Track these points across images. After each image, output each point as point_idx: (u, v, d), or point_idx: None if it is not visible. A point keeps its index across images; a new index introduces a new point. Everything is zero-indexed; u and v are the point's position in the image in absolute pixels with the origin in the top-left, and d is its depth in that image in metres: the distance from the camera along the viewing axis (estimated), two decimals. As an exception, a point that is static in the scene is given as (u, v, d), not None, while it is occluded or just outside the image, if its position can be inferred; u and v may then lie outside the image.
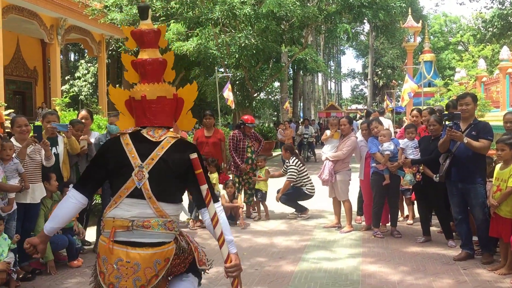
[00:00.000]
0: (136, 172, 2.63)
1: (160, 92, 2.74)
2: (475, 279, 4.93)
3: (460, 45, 42.03)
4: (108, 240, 2.60)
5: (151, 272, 2.60)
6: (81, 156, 6.18)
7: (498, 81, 15.41)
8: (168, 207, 2.68)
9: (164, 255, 2.65)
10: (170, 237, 2.69)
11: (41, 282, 5.10)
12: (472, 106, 5.59)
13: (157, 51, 2.84)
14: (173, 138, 2.73)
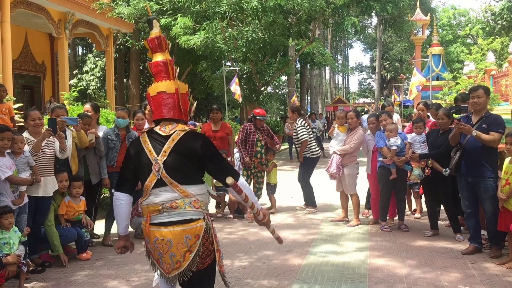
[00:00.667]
0: (153, 165, 3.00)
1: (162, 88, 3.13)
2: (483, 273, 4.93)
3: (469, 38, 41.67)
4: (145, 223, 3.02)
5: (183, 247, 2.93)
6: (89, 150, 6.22)
7: (507, 74, 15.29)
8: (191, 188, 3.01)
9: (194, 231, 2.96)
10: (197, 214, 3.00)
11: (51, 274, 5.16)
12: (484, 98, 5.52)
13: (166, 54, 3.24)
14: (182, 131, 3.05)
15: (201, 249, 2.97)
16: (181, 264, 2.95)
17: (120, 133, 6.36)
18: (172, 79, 3.20)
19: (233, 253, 5.85)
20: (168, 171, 2.98)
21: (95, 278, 5.03)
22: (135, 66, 26.28)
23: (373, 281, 4.78)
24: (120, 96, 26.87)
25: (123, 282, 4.87)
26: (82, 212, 5.84)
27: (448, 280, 4.73)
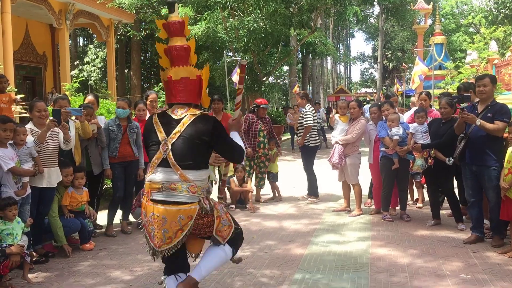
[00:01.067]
0: (162, 144, 3.23)
1: (184, 73, 3.29)
2: (485, 262, 4.94)
3: (471, 27, 41.44)
4: (145, 198, 3.28)
5: (176, 225, 3.22)
6: (90, 140, 6.23)
7: (510, 63, 15.23)
8: (190, 173, 3.23)
9: (187, 212, 3.22)
10: (193, 198, 3.25)
11: (54, 264, 5.18)
12: (490, 87, 5.47)
13: (184, 39, 3.37)
14: (193, 115, 3.26)
15: (191, 229, 3.27)
16: (172, 240, 3.25)
17: (121, 124, 6.36)
18: (192, 65, 3.37)
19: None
20: (174, 153, 3.21)
21: (98, 268, 5.06)
22: (136, 57, 26.23)
23: (375, 270, 4.80)
24: (121, 86, 26.83)
25: (126, 272, 4.89)
26: (85, 202, 5.85)
27: (450, 269, 4.75)
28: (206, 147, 3.29)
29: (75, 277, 4.78)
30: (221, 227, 3.46)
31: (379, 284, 4.41)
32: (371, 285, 4.39)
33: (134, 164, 6.45)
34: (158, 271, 4.88)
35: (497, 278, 4.46)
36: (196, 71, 3.34)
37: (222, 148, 3.41)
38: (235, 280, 4.59)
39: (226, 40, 18.24)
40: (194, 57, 3.45)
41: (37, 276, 4.82)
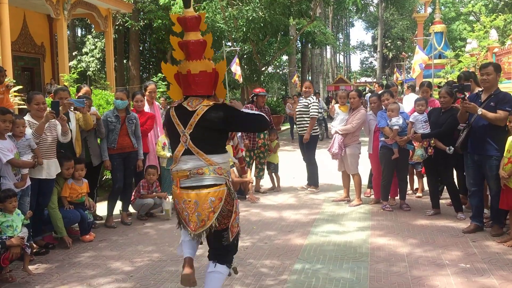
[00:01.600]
0: (181, 136, 3.44)
1: (202, 67, 3.43)
2: (484, 251, 4.95)
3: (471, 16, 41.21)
4: (176, 187, 3.46)
5: (208, 208, 3.40)
6: (90, 131, 6.22)
7: (510, 52, 15.18)
8: (214, 157, 3.43)
9: (217, 194, 3.42)
10: (221, 180, 3.44)
11: (55, 256, 5.20)
12: (493, 76, 5.42)
13: (199, 34, 3.48)
14: (206, 106, 3.41)
15: (223, 210, 3.44)
16: (205, 223, 3.42)
17: (119, 115, 6.34)
18: (208, 58, 3.54)
19: (235, 233, 5.88)
20: (194, 142, 3.40)
21: (99, 259, 5.07)
22: (135, 47, 26.09)
23: (374, 260, 4.81)
24: (120, 77, 26.74)
25: (126, 263, 4.90)
26: (85, 194, 5.86)
27: (449, 259, 4.76)
28: (221, 133, 3.50)
29: (75, 269, 4.79)
30: (234, 223, 3.58)
31: (379, 274, 4.42)
32: (371, 275, 4.41)
33: (133, 155, 6.45)
34: (158, 262, 4.90)
35: (496, 267, 4.48)
36: (212, 65, 3.50)
37: (243, 125, 3.66)
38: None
39: (225, 29, 18.16)
40: (211, 51, 3.59)
41: (37, 267, 4.83)
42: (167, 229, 6.21)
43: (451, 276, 4.31)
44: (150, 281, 4.40)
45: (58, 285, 4.37)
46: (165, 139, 7.23)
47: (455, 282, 4.18)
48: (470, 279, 4.23)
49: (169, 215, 6.76)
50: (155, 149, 7.27)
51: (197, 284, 3.61)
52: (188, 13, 3.47)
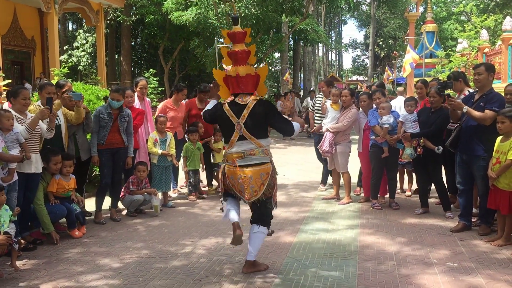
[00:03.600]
0: (236, 125, 4.33)
1: (247, 70, 4.39)
2: (472, 250, 4.99)
3: (463, 15, 41.44)
4: (233, 166, 4.32)
5: (259, 181, 4.31)
6: (78, 126, 6.19)
7: (500, 52, 15.28)
8: (262, 141, 4.37)
9: (266, 170, 4.34)
10: (267, 159, 4.39)
11: (43, 252, 5.16)
12: (484, 75, 5.44)
13: (244, 45, 4.48)
14: (254, 100, 4.36)
15: (270, 182, 4.34)
16: (258, 193, 4.31)
17: (112, 113, 6.30)
18: (251, 64, 4.50)
19: (225, 230, 5.88)
20: (247, 129, 4.30)
21: (87, 255, 5.04)
22: (127, 42, 25.96)
23: (363, 258, 4.83)
24: (111, 72, 26.60)
25: (115, 260, 4.88)
26: (72, 189, 5.82)
27: (437, 257, 4.79)
28: (265, 122, 4.43)
29: (63, 265, 4.76)
30: (275, 192, 4.50)
31: (367, 272, 4.44)
32: (359, 273, 4.42)
33: (122, 152, 6.41)
34: (147, 259, 4.89)
35: (483, 266, 4.51)
36: (253, 69, 4.45)
37: (275, 123, 4.49)
38: (224, 268, 4.60)
39: (217, 26, 18.09)
40: (253, 59, 4.54)
41: (25, 263, 4.80)
42: (156, 226, 6.20)
43: (439, 275, 4.34)
44: (139, 278, 4.38)
45: (45, 281, 4.34)
46: (156, 136, 7.20)
47: (443, 281, 4.21)
48: (458, 278, 4.27)
49: (158, 211, 6.74)
50: (146, 145, 7.24)
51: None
52: (236, 29, 4.48)
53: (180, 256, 4.97)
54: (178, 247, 5.26)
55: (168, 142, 7.29)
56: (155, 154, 7.14)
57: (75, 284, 4.28)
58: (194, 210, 7.05)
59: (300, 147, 15.56)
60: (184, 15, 17.23)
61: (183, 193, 8.08)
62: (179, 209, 7.11)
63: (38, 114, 5.11)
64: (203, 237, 5.63)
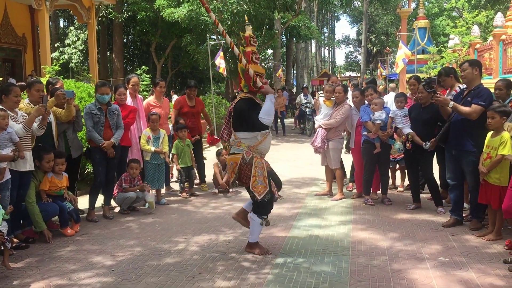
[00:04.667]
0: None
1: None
2: (463, 245, 5.03)
3: (454, 11, 41.58)
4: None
5: (230, 169, 4.89)
6: (69, 124, 6.16)
7: (491, 48, 15.34)
8: (240, 134, 4.78)
9: (234, 159, 4.80)
10: (238, 150, 4.79)
11: (35, 250, 5.14)
12: (468, 71, 5.50)
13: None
14: (240, 97, 4.90)
15: (240, 172, 4.76)
16: (231, 178, 4.98)
17: (102, 108, 6.29)
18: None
19: (218, 227, 5.89)
20: (232, 122, 4.82)
21: (80, 253, 5.03)
22: (119, 39, 25.83)
23: (355, 254, 4.86)
24: (103, 69, 26.45)
25: (108, 258, 4.88)
26: (64, 187, 5.80)
27: (429, 252, 4.82)
28: (242, 117, 4.75)
29: (55, 263, 4.75)
30: (256, 184, 4.70)
31: (359, 268, 4.47)
32: (352, 269, 4.45)
33: (115, 149, 6.39)
34: (140, 256, 4.89)
35: (474, 261, 4.55)
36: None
37: (249, 119, 4.72)
38: (217, 265, 4.61)
39: (209, 23, 18.03)
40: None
41: (17, 262, 4.77)
42: (149, 223, 6.19)
43: (430, 270, 4.37)
44: (132, 275, 4.38)
45: (38, 279, 4.33)
46: (149, 133, 7.19)
47: (434, 275, 4.24)
48: (449, 272, 4.30)
49: (153, 207, 6.75)
50: (139, 142, 7.22)
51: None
52: (247, 33, 4.96)
53: (173, 253, 4.98)
54: (171, 244, 5.26)
55: (161, 139, 7.28)
56: (148, 151, 7.13)
57: (68, 282, 4.27)
58: (187, 207, 7.05)
59: (292, 143, 15.58)
60: (176, 12, 17.16)
61: (176, 191, 8.08)
62: (172, 206, 7.11)
63: (34, 112, 5.10)
64: (196, 234, 5.63)
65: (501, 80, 5.99)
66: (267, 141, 4.83)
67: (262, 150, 4.83)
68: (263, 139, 4.76)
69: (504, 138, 5.01)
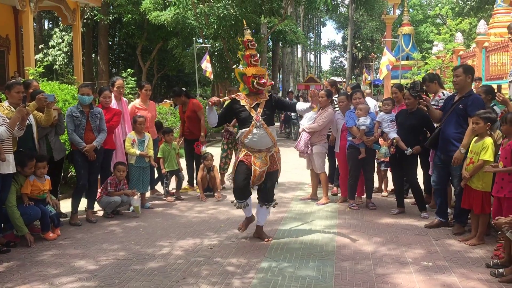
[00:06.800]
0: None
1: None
2: (446, 249, 5.07)
3: (438, 18, 42.14)
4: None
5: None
6: (51, 128, 6.09)
7: (474, 55, 15.58)
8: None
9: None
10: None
11: (16, 254, 5.06)
12: (462, 77, 5.56)
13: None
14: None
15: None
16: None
17: (84, 110, 6.24)
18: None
19: (202, 231, 5.86)
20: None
21: (62, 257, 4.97)
22: (104, 42, 25.67)
23: (340, 258, 4.87)
24: (88, 72, 26.24)
25: (91, 262, 4.82)
26: (47, 191, 5.72)
27: (412, 257, 4.86)
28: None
29: (37, 267, 4.68)
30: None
31: (344, 272, 4.48)
32: (336, 273, 4.45)
33: (98, 152, 6.33)
34: (123, 261, 4.84)
35: (457, 265, 4.59)
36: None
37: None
38: (201, 269, 4.58)
39: (195, 26, 18.04)
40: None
41: (-3, 266, 4.70)
42: (133, 227, 6.14)
43: (414, 274, 4.40)
44: (115, 280, 4.33)
45: (19, 284, 4.26)
46: (134, 136, 7.14)
47: (418, 279, 4.27)
48: (432, 276, 4.33)
49: (139, 212, 6.70)
50: (124, 146, 7.17)
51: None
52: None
53: (157, 257, 4.94)
54: (155, 249, 5.22)
55: (146, 143, 7.23)
56: (133, 155, 7.08)
57: (50, 286, 4.20)
58: (172, 211, 7.01)
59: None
60: (162, 15, 17.13)
61: (161, 194, 8.03)
62: (157, 210, 7.06)
63: (17, 113, 5.03)
64: (180, 238, 5.60)
65: (480, 87, 6.10)
66: (249, 138, 5.15)
67: (248, 145, 5.20)
68: (243, 136, 5.18)
69: (486, 144, 5.07)
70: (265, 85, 5.15)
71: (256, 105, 5.26)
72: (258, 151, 5.22)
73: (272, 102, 5.36)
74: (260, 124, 5.14)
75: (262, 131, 5.16)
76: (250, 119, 5.18)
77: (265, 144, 5.23)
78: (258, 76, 5.17)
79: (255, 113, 5.19)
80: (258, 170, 5.19)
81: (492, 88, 6.18)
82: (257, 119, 5.14)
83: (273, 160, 5.33)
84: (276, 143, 5.40)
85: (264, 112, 5.24)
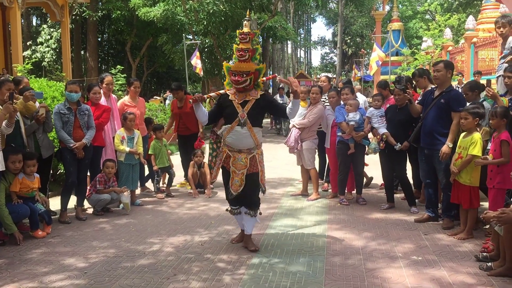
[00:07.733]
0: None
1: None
2: (435, 244, 5.11)
3: (427, 14, 42.31)
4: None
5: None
6: (39, 125, 6.04)
7: (463, 50, 15.68)
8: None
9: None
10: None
11: (5, 253, 5.02)
12: (442, 72, 5.62)
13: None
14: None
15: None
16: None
17: (71, 107, 6.19)
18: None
19: (193, 228, 5.85)
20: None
21: (51, 255, 4.93)
22: (93, 38, 25.49)
23: (330, 253, 4.88)
24: (77, 68, 26.06)
25: (81, 260, 4.79)
26: (36, 189, 5.68)
27: (402, 251, 4.89)
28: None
29: (26, 265, 4.64)
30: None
31: (334, 267, 4.50)
32: (327, 268, 4.47)
33: (87, 149, 6.30)
34: (113, 258, 4.82)
35: (446, 259, 4.63)
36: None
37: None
38: (192, 266, 4.58)
39: (185, 22, 17.97)
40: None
41: (-14, 265, 4.66)
42: (123, 224, 6.11)
43: (403, 268, 4.42)
44: (105, 278, 4.31)
45: (8, 282, 4.22)
46: (123, 133, 7.10)
47: (407, 274, 4.30)
48: (421, 271, 4.36)
49: (129, 209, 6.67)
50: (113, 143, 7.13)
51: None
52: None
53: (148, 254, 4.93)
54: (146, 246, 5.21)
55: (136, 140, 7.20)
56: (122, 152, 7.04)
57: (39, 285, 4.18)
58: (162, 208, 6.99)
59: (269, 144, 15.59)
60: (151, 11, 17.02)
61: (151, 191, 8.00)
62: (147, 207, 7.04)
63: (4, 110, 4.98)
64: (171, 235, 5.59)
65: (464, 85, 6.18)
66: (230, 135, 4.93)
67: (227, 143, 5.01)
68: (226, 133, 4.98)
69: (474, 139, 5.11)
70: (237, 83, 4.90)
71: (244, 102, 4.95)
72: (238, 151, 4.92)
73: (261, 102, 4.98)
74: (244, 122, 4.86)
75: (245, 130, 4.86)
76: (235, 116, 4.90)
77: (246, 145, 4.90)
78: (235, 72, 4.93)
79: (241, 110, 4.89)
80: (237, 172, 4.90)
81: (476, 82, 6.26)
82: (242, 116, 4.85)
83: (253, 162, 4.94)
84: (259, 146, 5.02)
85: (251, 111, 4.91)
